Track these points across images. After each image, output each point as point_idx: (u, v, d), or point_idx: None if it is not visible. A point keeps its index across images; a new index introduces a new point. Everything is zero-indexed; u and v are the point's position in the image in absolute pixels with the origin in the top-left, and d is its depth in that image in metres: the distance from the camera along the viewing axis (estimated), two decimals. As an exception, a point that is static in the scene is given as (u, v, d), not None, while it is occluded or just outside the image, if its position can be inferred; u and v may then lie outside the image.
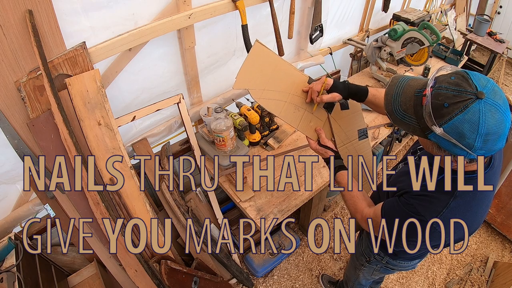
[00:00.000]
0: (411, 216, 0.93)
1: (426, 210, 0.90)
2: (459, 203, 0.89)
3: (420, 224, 0.92)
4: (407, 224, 0.94)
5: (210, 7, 1.53)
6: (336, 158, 1.26)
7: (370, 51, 2.49)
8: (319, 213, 2.42)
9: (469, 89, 0.73)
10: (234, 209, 2.36)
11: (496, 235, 2.60)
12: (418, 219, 0.91)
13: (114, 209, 1.40)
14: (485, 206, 0.97)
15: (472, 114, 0.72)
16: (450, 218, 0.89)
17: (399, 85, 0.88)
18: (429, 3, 3.70)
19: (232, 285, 2.10)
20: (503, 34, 3.79)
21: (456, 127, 0.74)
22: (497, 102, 0.73)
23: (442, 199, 0.90)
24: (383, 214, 1.02)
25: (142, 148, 1.74)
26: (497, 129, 0.73)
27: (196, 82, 1.82)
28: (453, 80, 0.76)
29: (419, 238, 0.94)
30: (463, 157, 0.81)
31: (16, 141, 1.26)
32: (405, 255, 1.28)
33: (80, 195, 1.36)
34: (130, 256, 1.41)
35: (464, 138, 0.74)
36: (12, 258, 1.31)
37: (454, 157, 0.83)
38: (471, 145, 0.74)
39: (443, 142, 0.79)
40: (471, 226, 0.95)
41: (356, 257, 1.57)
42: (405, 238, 0.98)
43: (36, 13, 1.10)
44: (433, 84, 0.79)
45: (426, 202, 0.91)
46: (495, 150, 0.77)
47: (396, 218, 0.97)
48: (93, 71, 1.30)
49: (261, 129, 2.00)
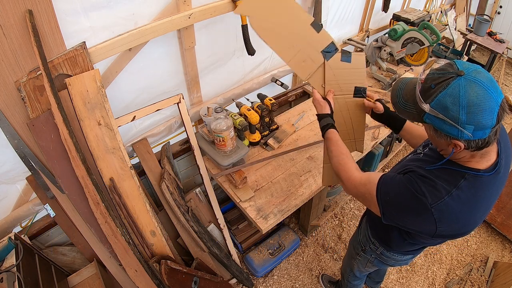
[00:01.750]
0: (411, 193, 0.93)
1: (430, 192, 0.91)
2: (460, 195, 0.90)
3: (419, 205, 0.92)
4: (404, 199, 0.94)
5: (210, 7, 1.53)
6: (330, 116, 1.32)
7: (370, 51, 2.49)
8: (319, 213, 2.42)
9: (451, 70, 0.83)
10: (234, 209, 2.37)
11: (496, 235, 2.60)
12: (418, 199, 0.91)
13: (114, 209, 1.40)
14: (483, 208, 0.96)
15: (453, 89, 0.81)
16: (449, 208, 0.90)
17: (404, 82, 1.02)
18: (429, 3, 3.70)
19: (232, 285, 2.10)
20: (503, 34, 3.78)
21: (440, 102, 0.83)
22: (478, 78, 0.79)
23: (446, 188, 0.91)
24: (379, 184, 1.01)
25: (142, 148, 1.74)
26: (479, 101, 0.78)
27: (196, 82, 1.82)
28: (440, 68, 0.87)
29: (411, 218, 0.95)
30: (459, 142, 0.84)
31: (16, 141, 1.26)
32: (399, 247, 1.29)
33: (80, 195, 1.36)
34: (130, 256, 1.41)
35: (448, 111, 0.82)
36: (12, 258, 1.31)
37: (450, 139, 0.86)
38: (456, 117, 0.81)
39: (435, 121, 0.86)
40: (464, 225, 0.95)
41: (353, 245, 1.59)
42: (397, 212, 0.98)
43: (36, 13, 1.10)
44: (425, 72, 0.90)
45: (430, 185, 0.92)
46: (486, 126, 0.80)
47: (394, 192, 0.97)
48: (93, 71, 1.30)
49: (261, 129, 2.00)
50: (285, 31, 1.29)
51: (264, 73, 2.23)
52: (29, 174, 1.41)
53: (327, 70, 1.37)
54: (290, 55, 1.32)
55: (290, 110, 2.29)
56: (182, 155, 2.02)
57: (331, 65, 1.37)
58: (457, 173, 0.92)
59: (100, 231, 1.41)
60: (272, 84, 2.23)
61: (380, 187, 1.00)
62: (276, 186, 1.74)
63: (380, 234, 1.34)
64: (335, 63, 1.37)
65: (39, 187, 1.43)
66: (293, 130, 2.07)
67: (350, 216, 2.69)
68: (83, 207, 1.39)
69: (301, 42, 1.32)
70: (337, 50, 1.38)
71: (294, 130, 2.07)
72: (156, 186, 1.73)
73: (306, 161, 1.88)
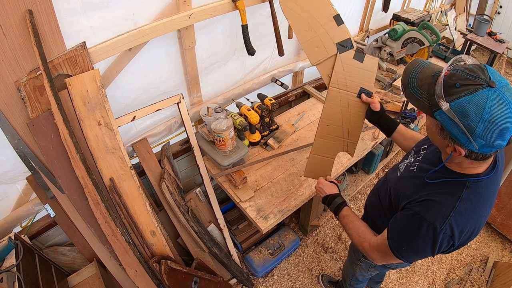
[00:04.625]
0: (418, 227, 0.92)
1: (435, 215, 0.89)
2: (464, 207, 0.89)
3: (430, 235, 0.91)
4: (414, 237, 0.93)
5: (210, 7, 1.53)
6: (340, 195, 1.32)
7: (370, 51, 2.49)
8: (319, 213, 2.42)
9: (482, 77, 0.76)
10: (234, 209, 2.37)
11: (496, 235, 2.60)
12: (426, 229, 0.90)
13: (114, 209, 1.40)
14: (488, 209, 0.96)
15: (479, 98, 0.74)
16: (458, 222, 0.89)
17: (420, 65, 0.92)
18: (429, 3, 3.70)
19: (232, 285, 2.10)
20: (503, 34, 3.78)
21: (462, 106, 0.76)
22: (506, 96, 0.74)
23: (448, 203, 0.89)
24: (389, 237, 1.01)
25: (142, 148, 1.74)
26: (501, 122, 0.74)
27: (196, 82, 1.82)
28: (470, 67, 0.79)
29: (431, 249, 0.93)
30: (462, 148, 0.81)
31: (16, 141, 1.26)
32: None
33: (80, 195, 1.36)
34: (130, 256, 1.41)
35: (467, 119, 0.76)
36: (12, 258, 1.31)
37: (453, 143, 0.83)
38: (472, 128, 0.76)
39: (447, 122, 0.80)
40: (474, 230, 0.95)
41: (354, 251, 1.58)
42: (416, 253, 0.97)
43: (36, 13, 1.10)
44: (452, 65, 0.82)
45: (432, 208, 0.90)
46: (495, 146, 0.78)
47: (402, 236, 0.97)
48: (93, 71, 1.30)
49: (261, 129, 2.00)
50: (308, 14, 1.34)
51: (264, 73, 2.23)
52: (29, 174, 1.41)
53: (338, 62, 1.38)
54: (306, 37, 1.35)
55: (290, 110, 2.29)
56: (182, 155, 2.01)
57: (343, 59, 1.38)
58: (457, 183, 0.91)
59: (100, 231, 1.41)
60: (272, 84, 2.23)
61: (391, 239, 1.01)
62: (276, 186, 1.74)
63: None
64: (347, 58, 1.39)
65: (39, 187, 1.43)
66: (293, 130, 2.07)
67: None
68: (83, 207, 1.39)
69: (320, 29, 1.36)
70: (352, 47, 1.40)
71: (294, 130, 2.07)
72: (156, 186, 1.73)
73: (306, 161, 1.87)
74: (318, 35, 1.36)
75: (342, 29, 1.38)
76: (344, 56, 1.38)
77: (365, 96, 1.38)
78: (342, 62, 1.38)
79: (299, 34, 1.35)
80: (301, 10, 1.34)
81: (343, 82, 1.39)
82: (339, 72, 1.38)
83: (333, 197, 1.32)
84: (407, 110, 2.23)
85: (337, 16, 1.38)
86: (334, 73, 1.38)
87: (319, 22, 1.36)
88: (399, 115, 2.19)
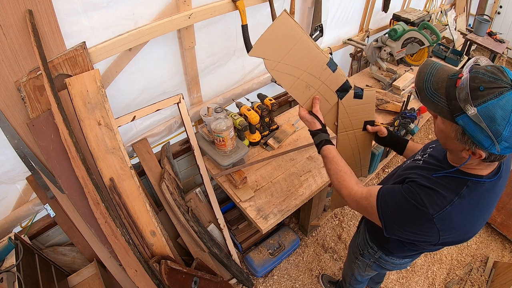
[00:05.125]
0: (412, 204, 0.91)
1: (430, 203, 0.89)
2: (462, 204, 0.89)
3: (420, 217, 0.91)
4: (405, 211, 0.93)
5: (210, 7, 1.53)
6: (322, 131, 1.25)
7: (370, 51, 2.49)
8: (319, 213, 2.42)
9: (504, 79, 0.75)
10: (234, 209, 2.37)
11: (496, 235, 2.60)
12: (419, 210, 0.90)
13: (114, 209, 1.40)
14: (485, 214, 0.96)
15: (506, 101, 0.73)
16: (451, 217, 0.89)
17: (434, 66, 0.88)
18: (429, 3, 3.70)
19: (232, 285, 2.10)
20: (503, 34, 3.78)
21: (489, 110, 0.74)
22: None
23: (447, 197, 0.89)
24: (379, 196, 1.00)
25: (142, 148, 1.74)
26: None
27: (196, 82, 1.82)
28: (490, 69, 0.77)
29: (413, 229, 0.94)
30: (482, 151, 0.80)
31: (16, 141, 1.26)
32: (398, 252, 1.28)
33: (80, 195, 1.36)
34: (130, 256, 1.41)
35: (494, 123, 0.74)
36: (12, 258, 1.31)
37: (475, 147, 0.81)
38: (499, 132, 0.75)
39: (471, 127, 0.78)
40: (467, 232, 0.95)
41: (352, 250, 1.58)
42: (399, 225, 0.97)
43: (36, 13, 1.10)
44: (469, 69, 0.80)
45: (431, 195, 0.90)
46: None
47: (394, 204, 0.96)
48: (93, 71, 1.30)
49: (261, 129, 2.00)
50: (301, 72, 1.25)
51: (264, 73, 2.23)
52: (29, 174, 1.41)
53: (341, 109, 1.36)
54: (305, 98, 1.29)
55: (290, 110, 2.29)
56: (182, 155, 2.01)
57: (344, 103, 1.36)
58: (460, 180, 0.90)
59: (100, 231, 1.41)
60: (272, 84, 2.23)
61: (380, 200, 1.00)
62: (276, 186, 1.74)
63: (378, 238, 1.34)
64: (347, 101, 1.36)
65: (39, 187, 1.43)
66: (293, 130, 2.07)
67: (350, 216, 2.69)
68: (83, 207, 1.39)
69: (317, 83, 1.29)
70: (351, 88, 1.36)
71: (294, 130, 2.07)
72: (156, 186, 1.73)
73: (306, 161, 1.88)
74: (316, 90, 1.29)
75: (338, 74, 1.31)
76: (345, 100, 1.36)
77: (371, 126, 1.41)
78: (344, 107, 1.37)
79: (298, 97, 1.27)
80: (295, 70, 1.23)
81: (348, 124, 1.40)
82: (344, 117, 1.39)
83: (313, 134, 1.26)
84: (407, 110, 2.23)
85: (331, 61, 1.28)
86: (339, 120, 1.37)
87: (315, 76, 1.27)
88: (399, 115, 2.19)
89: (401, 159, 3.22)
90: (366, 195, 1.05)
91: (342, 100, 1.35)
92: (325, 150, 1.22)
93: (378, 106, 2.26)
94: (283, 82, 1.24)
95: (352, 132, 1.42)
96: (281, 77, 1.24)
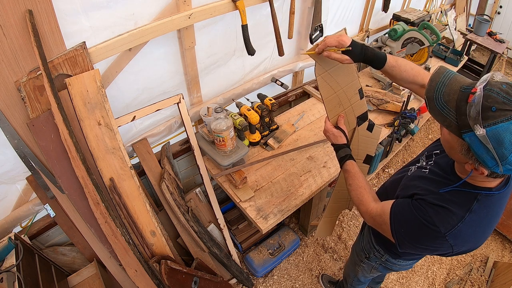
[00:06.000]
0: (423, 224, 0.92)
1: (441, 222, 0.89)
2: (473, 218, 0.89)
3: (432, 234, 0.91)
4: (417, 229, 0.94)
5: (210, 7, 1.53)
6: (347, 146, 1.28)
7: (370, 51, 2.49)
8: (319, 213, 2.42)
9: None
10: (234, 209, 2.37)
11: (496, 235, 2.60)
12: (430, 229, 0.91)
13: (114, 209, 1.40)
14: (494, 224, 0.97)
15: None
16: (463, 232, 0.89)
17: (446, 75, 0.84)
18: (429, 3, 3.70)
19: (232, 285, 2.10)
20: (503, 34, 3.78)
21: (498, 133, 0.71)
22: None
23: (458, 214, 0.89)
24: (392, 214, 1.01)
25: (142, 148, 1.74)
26: None
27: (196, 82, 1.82)
28: (505, 88, 0.73)
29: (426, 245, 0.94)
30: (485, 169, 0.79)
31: (16, 141, 1.26)
32: (406, 255, 1.28)
33: (80, 195, 1.36)
34: (130, 256, 1.41)
35: (501, 147, 0.72)
36: (12, 258, 1.31)
37: (478, 164, 0.80)
38: (505, 156, 0.73)
39: (477, 145, 0.76)
40: (479, 241, 0.96)
41: (356, 252, 1.57)
42: (411, 242, 0.97)
43: (36, 13, 1.10)
44: (484, 84, 0.75)
45: (442, 214, 0.90)
46: None
47: (405, 221, 0.97)
48: (93, 71, 1.30)
49: (261, 129, 2.00)
50: (339, 88, 1.33)
51: (264, 73, 2.23)
52: (29, 174, 1.41)
53: (355, 136, 1.43)
54: (334, 112, 1.36)
55: (290, 110, 2.29)
56: (182, 155, 2.01)
57: (359, 132, 1.43)
58: (469, 195, 0.90)
59: (100, 231, 1.41)
60: (272, 84, 2.23)
61: (393, 218, 1.00)
62: (276, 186, 1.74)
63: (384, 242, 1.33)
64: (362, 130, 1.45)
65: (39, 187, 1.43)
66: (293, 130, 2.07)
67: (350, 216, 2.69)
68: (83, 207, 1.39)
69: (347, 103, 1.38)
70: (367, 119, 1.45)
71: (294, 130, 2.07)
72: (156, 186, 1.73)
73: (306, 161, 1.88)
74: (344, 110, 1.37)
75: (363, 102, 1.42)
76: (360, 128, 1.43)
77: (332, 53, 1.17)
78: (358, 135, 1.43)
79: (330, 110, 1.34)
80: (336, 84, 1.31)
81: (355, 152, 1.44)
82: (354, 144, 1.44)
83: (338, 148, 1.28)
84: (407, 110, 2.23)
85: (361, 89, 1.40)
86: (352, 145, 1.42)
87: (347, 96, 1.36)
88: (399, 115, 2.19)
89: (402, 159, 3.22)
90: (380, 212, 1.06)
91: (358, 128, 1.42)
92: (348, 165, 1.23)
93: (378, 106, 2.26)
94: (323, 90, 1.30)
95: (356, 161, 1.46)
96: (323, 85, 1.30)
